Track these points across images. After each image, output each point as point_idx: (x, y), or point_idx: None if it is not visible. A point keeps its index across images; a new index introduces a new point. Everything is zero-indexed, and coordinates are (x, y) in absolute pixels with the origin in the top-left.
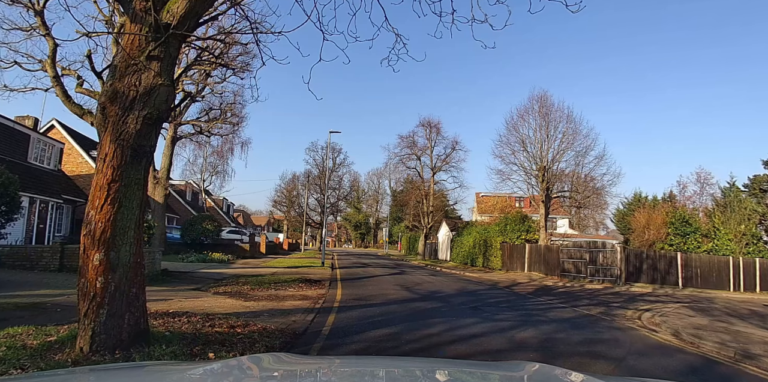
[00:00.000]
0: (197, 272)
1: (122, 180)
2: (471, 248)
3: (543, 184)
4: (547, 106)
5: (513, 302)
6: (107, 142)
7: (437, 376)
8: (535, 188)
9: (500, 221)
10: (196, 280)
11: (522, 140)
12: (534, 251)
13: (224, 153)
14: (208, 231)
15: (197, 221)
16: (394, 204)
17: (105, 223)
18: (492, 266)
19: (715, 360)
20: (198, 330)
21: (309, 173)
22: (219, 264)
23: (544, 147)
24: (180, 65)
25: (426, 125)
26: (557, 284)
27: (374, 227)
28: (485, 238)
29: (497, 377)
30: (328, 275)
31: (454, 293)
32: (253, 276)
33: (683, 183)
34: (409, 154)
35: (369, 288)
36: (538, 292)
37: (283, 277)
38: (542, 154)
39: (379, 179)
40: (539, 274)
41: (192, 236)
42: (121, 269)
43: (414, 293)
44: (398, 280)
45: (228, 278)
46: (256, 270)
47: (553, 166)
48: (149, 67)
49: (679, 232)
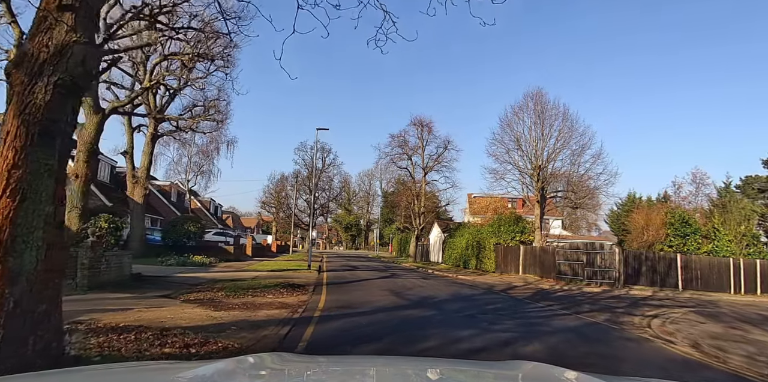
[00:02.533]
0: (172, 277)
1: (27, 166)
2: (464, 250)
3: (538, 183)
4: (543, 104)
5: (511, 308)
6: (11, 117)
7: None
8: (529, 188)
9: (493, 221)
10: (168, 285)
11: (517, 138)
12: (529, 253)
13: (210, 152)
14: (190, 233)
15: (179, 223)
16: (385, 205)
17: (1, 220)
18: (485, 268)
19: (750, 380)
20: (142, 352)
21: (298, 174)
22: (199, 267)
23: (540, 145)
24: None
25: (418, 124)
26: (554, 287)
27: (365, 228)
28: (478, 239)
29: (492, 375)
30: (313, 279)
31: (448, 299)
32: (232, 281)
33: (678, 183)
34: (400, 154)
35: (356, 294)
36: (536, 296)
37: (264, 281)
38: (537, 153)
39: (370, 180)
40: (534, 276)
41: (173, 238)
42: (24, 280)
43: (405, 298)
44: (388, 284)
45: (204, 283)
46: (238, 274)
47: (549, 165)
48: (61, 19)
49: (678, 233)
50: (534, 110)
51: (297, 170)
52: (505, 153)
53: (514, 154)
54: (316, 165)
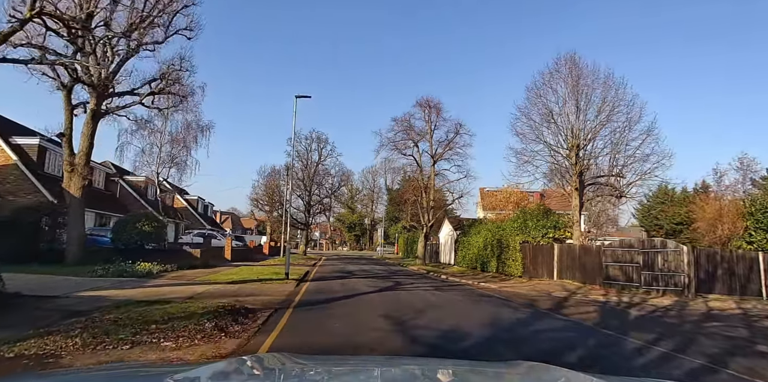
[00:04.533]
0: (69, 297)
1: None
2: (481, 250)
3: (576, 167)
4: (579, 70)
5: (602, 356)
6: None
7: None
8: (566, 174)
9: (517, 216)
10: (33, 314)
11: (548, 112)
12: (566, 253)
13: (183, 140)
14: (144, 234)
15: (130, 221)
16: (390, 203)
17: None
18: (509, 271)
19: None
20: None
21: (290, 166)
22: (137, 279)
23: (578, 120)
24: None
25: (424, 106)
26: (610, 298)
27: (370, 227)
28: (499, 237)
29: (492, 375)
30: (282, 296)
31: (483, 332)
32: (149, 304)
33: (721, 171)
34: (405, 140)
35: (332, 328)
36: (609, 319)
37: (199, 305)
38: (574, 130)
39: (374, 177)
40: (574, 282)
41: (124, 240)
42: None
43: (414, 334)
44: (389, 302)
45: (96, 310)
46: (177, 290)
47: (589, 144)
48: None
49: (762, 225)
50: (569, 77)
51: (289, 162)
52: (533, 131)
53: (544, 131)
54: (310, 155)
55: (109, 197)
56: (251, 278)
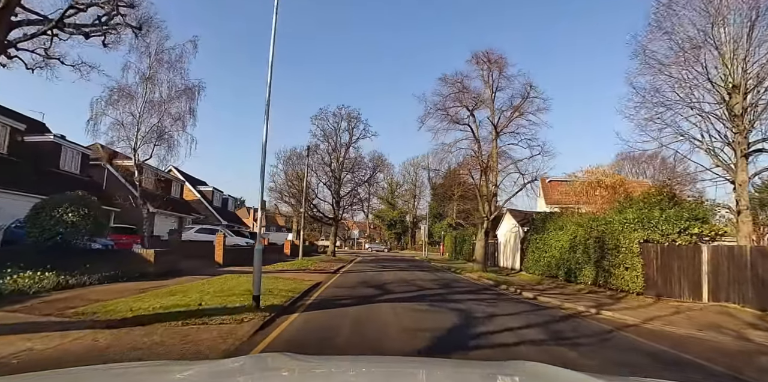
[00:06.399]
0: None
1: None
2: (565, 252)
3: (742, 121)
4: None
5: None
6: None
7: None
8: (714, 135)
9: (633, 203)
10: None
11: (689, 38)
12: (723, 260)
13: (164, 105)
14: (68, 225)
15: (48, 206)
16: (434, 198)
17: None
18: (618, 284)
19: None
20: None
21: (314, 148)
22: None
23: (739, 49)
24: None
25: (483, 61)
26: None
27: (411, 225)
28: (599, 234)
29: (492, 374)
30: None
31: None
32: None
33: None
34: (456, 107)
35: None
36: None
37: None
38: (733, 65)
39: (416, 170)
40: (740, 307)
41: (35, 235)
42: None
43: None
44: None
45: None
46: None
47: (761, 86)
48: None
49: None
50: None
51: (313, 143)
52: (668, 67)
53: (686, 67)
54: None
55: (88, 183)
56: (179, 309)
